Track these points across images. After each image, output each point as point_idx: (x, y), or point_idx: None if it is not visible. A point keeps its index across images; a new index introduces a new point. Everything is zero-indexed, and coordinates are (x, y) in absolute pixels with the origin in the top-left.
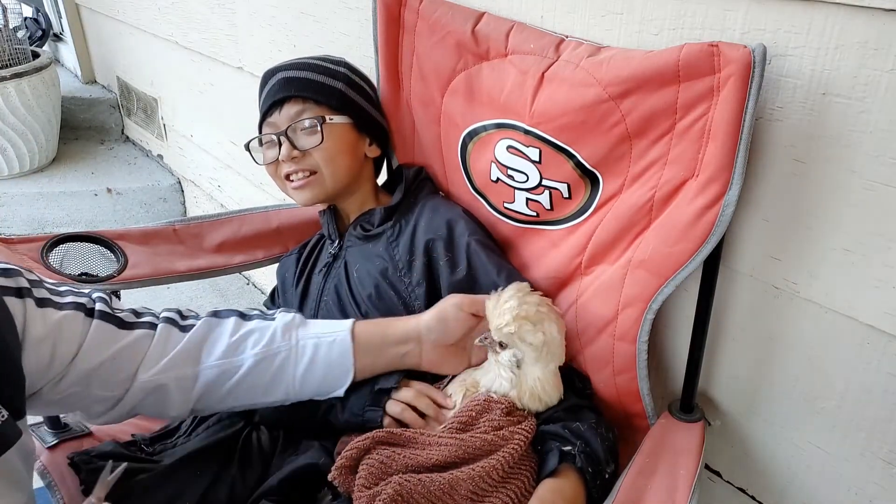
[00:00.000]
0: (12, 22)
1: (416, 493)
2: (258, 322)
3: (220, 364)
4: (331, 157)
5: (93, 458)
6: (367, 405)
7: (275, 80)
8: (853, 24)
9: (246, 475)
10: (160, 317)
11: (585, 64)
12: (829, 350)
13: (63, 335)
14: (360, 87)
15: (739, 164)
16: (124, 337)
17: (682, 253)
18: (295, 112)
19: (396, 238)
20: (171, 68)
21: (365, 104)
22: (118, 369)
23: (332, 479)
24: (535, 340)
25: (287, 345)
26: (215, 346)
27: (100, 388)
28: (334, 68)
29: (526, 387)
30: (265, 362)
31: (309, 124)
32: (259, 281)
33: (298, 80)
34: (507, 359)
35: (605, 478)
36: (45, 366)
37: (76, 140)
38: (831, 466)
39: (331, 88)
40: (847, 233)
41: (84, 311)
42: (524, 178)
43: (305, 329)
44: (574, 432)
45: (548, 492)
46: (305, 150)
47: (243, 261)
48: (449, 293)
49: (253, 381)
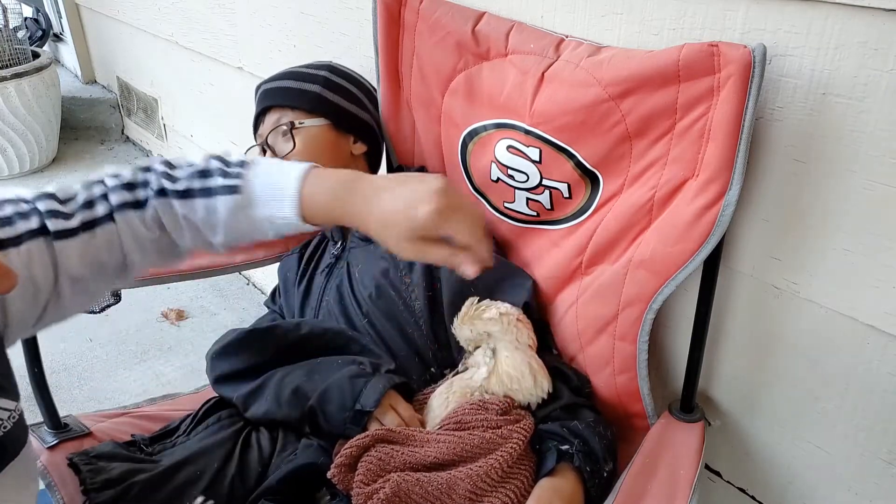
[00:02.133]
0: (12, 22)
1: (414, 494)
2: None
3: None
4: (306, 160)
5: (92, 459)
6: (349, 423)
7: (259, 92)
8: (853, 24)
9: (245, 475)
10: (110, 199)
11: (585, 64)
12: (829, 350)
13: (35, 271)
14: (339, 87)
15: (739, 164)
16: (91, 240)
17: (682, 253)
18: (273, 121)
19: None
20: (172, 68)
21: (345, 103)
22: (105, 265)
23: (331, 476)
24: (492, 314)
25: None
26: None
27: (101, 276)
28: (313, 73)
29: (502, 370)
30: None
31: (282, 131)
32: (259, 281)
33: (275, 89)
34: (481, 353)
35: (604, 476)
36: (31, 298)
37: (76, 140)
38: (831, 466)
39: (304, 92)
40: (847, 233)
41: (42, 235)
42: (524, 177)
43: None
44: (572, 431)
45: (545, 491)
46: (283, 156)
47: (245, 260)
48: (449, 293)
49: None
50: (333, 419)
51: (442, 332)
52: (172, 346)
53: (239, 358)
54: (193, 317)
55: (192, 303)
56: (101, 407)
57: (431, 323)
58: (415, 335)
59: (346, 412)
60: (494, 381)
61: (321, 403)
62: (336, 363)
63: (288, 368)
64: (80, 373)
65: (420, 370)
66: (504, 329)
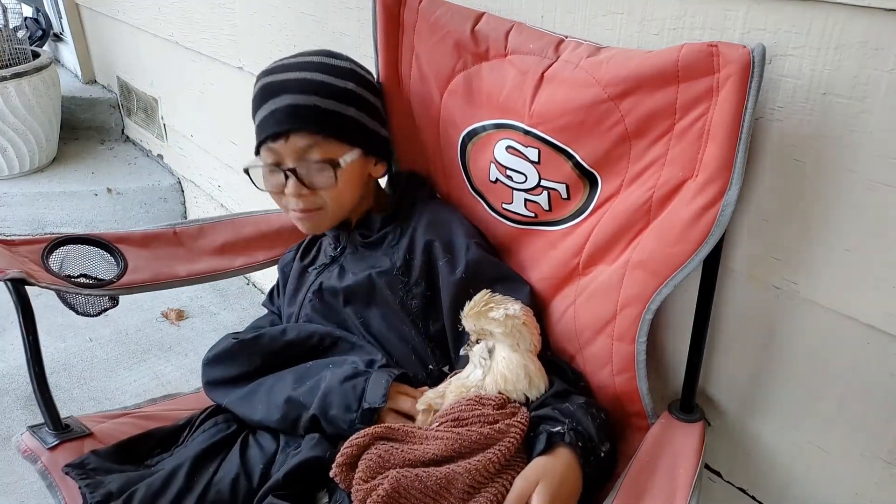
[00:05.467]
0: (12, 22)
1: (413, 488)
2: None
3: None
4: (340, 194)
5: (89, 472)
6: (358, 422)
7: (278, 104)
8: (853, 24)
9: (249, 474)
10: None
11: (585, 64)
12: (829, 350)
13: None
14: (371, 107)
15: (739, 164)
16: None
17: (681, 253)
18: (303, 147)
19: (397, 242)
20: (172, 68)
21: (378, 127)
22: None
23: (333, 476)
24: (497, 315)
25: None
26: None
27: None
28: (343, 85)
29: (497, 370)
30: None
31: (320, 168)
32: (259, 281)
33: (306, 108)
34: (480, 350)
35: (601, 456)
36: None
37: (76, 140)
38: (831, 466)
39: (341, 118)
40: (847, 233)
41: None
42: (523, 178)
43: None
44: (563, 412)
45: (531, 471)
46: (314, 188)
47: (244, 263)
48: (448, 293)
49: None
50: (339, 422)
51: (438, 330)
52: (173, 345)
53: (230, 366)
54: (193, 317)
55: (192, 303)
56: (101, 407)
57: (428, 322)
58: (412, 334)
59: (352, 413)
60: (489, 381)
61: (323, 410)
62: (327, 366)
63: (276, 376)
64: (80, 373)
65: (418, 368)
66: (506, 332)
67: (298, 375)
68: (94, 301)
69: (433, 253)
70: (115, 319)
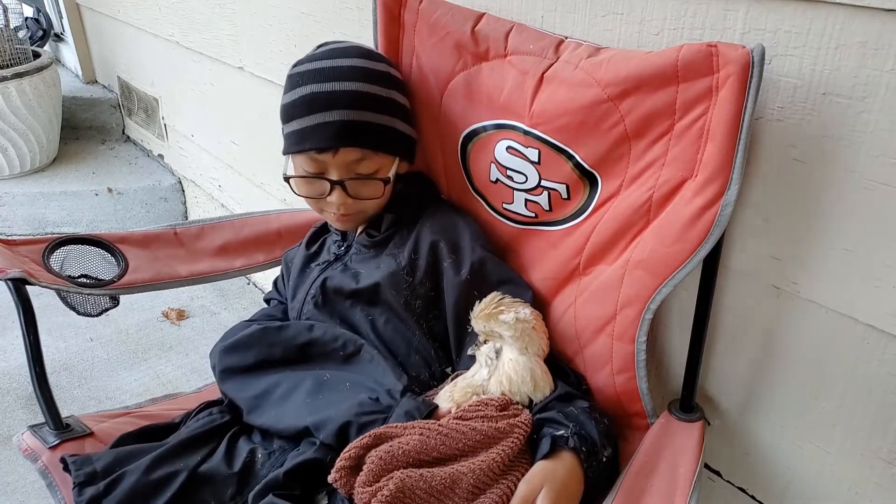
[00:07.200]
0: (13, 22)
1: (418, 488)
2: None
3: None
4: (382, 200)
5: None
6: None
7: (328, 118)
8: (853, 24)
9: (232, 459)
10: None
11: (585, 64)
12: (829, 350)
13: None
14: (406, 112)
15: (738, 164)
16: None
17: (681, 253)
18: (352, 160)
19: (403, 243)
20: (172, 68)
21: (411, 131)
22: None
23: (332, 481)
24: (507, 318)
25: None
26: None
27: None
28: (388, 95)
29: (503, 371)
30: None
31: (370, 181)
32: (259, 281)
33: (358, 125)
34: (487, 350)
35: (602, 461)
36: None
37: (77, 140)
38: (831, 466)
39: (390, 132)
40: (847, 233)
41: None
42: (523, 178)
43: None
44: (567, 415)
45: (536, 475)
46: (359, 198)
47: (244, 264)
48: (451, 294)
49: None
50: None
51: (442, 330)
52: (173, 345)
53: (246, 353)
54: (194, 316)
55: (192, 302)
56: (101, 406)
57: (431, 322)
58: (415, 334)
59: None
60: (493, 381)
61: (339, 443)
62: (345, 386)
63: (291, 381)
64: (80, 372)
65: (421, 368)
66: (515, 335)
67: (315, 386)
68: (95, 301)
69: (438, 253)
70: (115, 319)
